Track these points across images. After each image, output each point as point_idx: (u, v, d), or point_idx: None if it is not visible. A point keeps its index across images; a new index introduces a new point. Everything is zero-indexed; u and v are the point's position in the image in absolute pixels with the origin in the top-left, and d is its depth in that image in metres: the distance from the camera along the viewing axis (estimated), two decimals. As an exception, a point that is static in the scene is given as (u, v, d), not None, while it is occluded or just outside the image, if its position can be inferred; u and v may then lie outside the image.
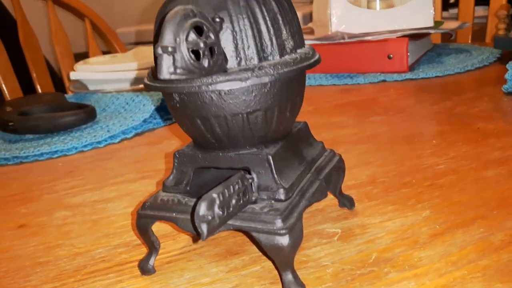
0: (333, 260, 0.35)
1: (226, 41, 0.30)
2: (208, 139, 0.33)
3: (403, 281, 0.32)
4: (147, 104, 0.76)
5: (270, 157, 0.32)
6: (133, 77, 0.87)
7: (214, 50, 0.28)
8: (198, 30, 0.28)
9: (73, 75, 0.88)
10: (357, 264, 0.34)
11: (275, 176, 0.32)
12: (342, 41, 0.88)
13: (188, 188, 0.35)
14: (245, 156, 0.33)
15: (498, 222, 0.37)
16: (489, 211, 0.39)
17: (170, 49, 0.26)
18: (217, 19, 0.29)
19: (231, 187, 0.30)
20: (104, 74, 0.88)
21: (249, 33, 0.30)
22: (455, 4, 1.55)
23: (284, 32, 0.31)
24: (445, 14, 1.57)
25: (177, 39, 0.26)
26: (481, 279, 0.31)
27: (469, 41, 1.28)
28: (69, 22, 1.35)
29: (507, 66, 0.69)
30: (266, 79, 0.30)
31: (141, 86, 0.87)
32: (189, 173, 0.35)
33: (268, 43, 0.31)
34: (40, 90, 1.16)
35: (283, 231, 0.30)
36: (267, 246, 0.30)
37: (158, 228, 0.42)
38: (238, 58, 0.30)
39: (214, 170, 0.36)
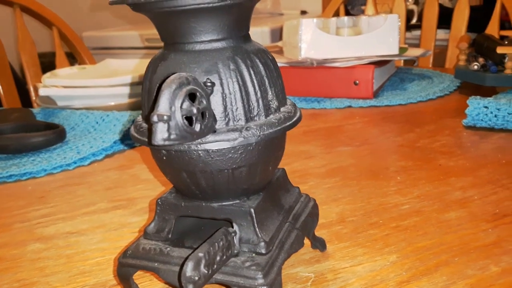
0: (307, 308, 0.37)
1: (216, 103, 0.31)
2: (192, 191, 0.34)
3: (373, 331, 0.34)
4: (117, 125, 0.75)
5: (252, 210, 0.33)
6: (104, 94, 0.87)
7: (206, 114, 0.30)
8: (191, 96, 0.29)
9: (42, 92, 0.86)
10: (330, 312, 0.36)
11: (257, 229, 0.33)
12: (311, 66, 0.90)
13: (169, 236, 0.35)
14: (228, 208, 0.34)
15: (459, 270, 0.40)
16: (451, 258, 0.42)
17: (165, 117, 0.27)
18: (209, 83, 0.30)
19: (216, 244, 0.31)
20: (74, 90, 0.87)
21: (238, 95, 0.31)
22: (418, 26, 1.62)
23: (270, 93, 0.33)
24: (408, 35, 1.62)
25: (172, 107, 0.27)
26: (444, 331, 0.34)
27: (430, 65, 1.33)
28: (35, 30, 1.32)
29: (467, 101, 0.73)
30: (252, 140, 0.31)
31: (112, 104, 0.86)
32: (171, 221, 0.36)
33: (255, 104, 0.32)
34: (5, 100, 1.13)
35: (264, 287, 0.31)
36: (247, 303, 0.32)
37: (135, 267, 0.43)
38: (227, 119, 0.31)
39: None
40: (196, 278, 0.28)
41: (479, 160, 0.62)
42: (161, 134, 0.27)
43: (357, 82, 0.89)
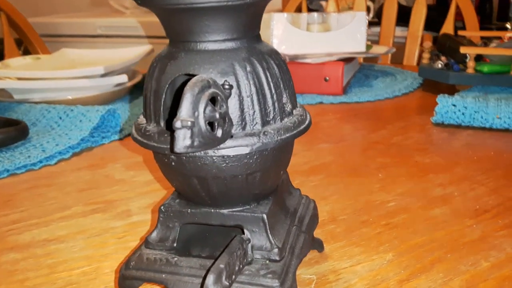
0: (314, 311, 0.36)
1: (233, 106, 0.30)
2: (201, 197, 0.33)
3: (384, 333, 0.34)
4: (84, 121, 0.72)
5: (265, 216, 0.32)
6: (65, 87, 0.82)
7: (226, 119, 0.28)
8: (212, 100, 0.27)
9: (-1, 84, 0.80)
10: (338, 315, 0.36)
11: (269, 235, 0.32)
12: (281, 61, 0.90)
13: (174, 245, 0.34)
14: (239, 214, 0.33)
15: (453, 266, 0.41)
16: (444, 254, 0.43)
17: (189, 123, 0.25)
18: (227, 86, 0.28)
19: (235, 254, 0.29)
20: (32, 82, 0.81)
21: (255, 98, 0.30)
22: (375, 23, 1.65)
23: (284, 96, 0.32)
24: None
25: (196, 112, 0.26)
26: (451, 329, 0.34)
27: (389, 61, 1.37)
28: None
29: (437, 99, 0.76)
30: (270, 145, 0.30)
31: (73, 97, 0.82)
32: (176, 228, 0.34)
33: (271, 107, 0.31)
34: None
35: (283, 295, 0.30)
36: (265, 311, 0.31)
37: (127, 275, 0.41)
38: (243, 123, 0.30)
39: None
40: (220, 291, 0.27)
41: (452, 157, 0.64)
42: (184, 141, 0.26)
43: (327, 78, 0.90)
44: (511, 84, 0.85)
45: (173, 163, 0.31)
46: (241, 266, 0.30)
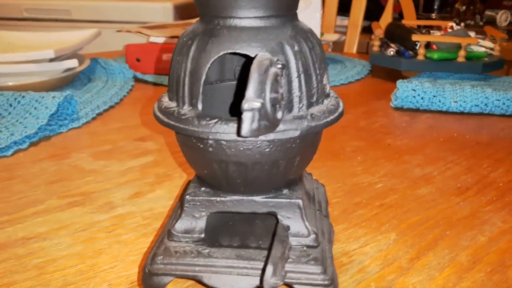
0: (338, 294, 0.35)
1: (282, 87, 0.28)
2: (236, 184, 0.30)
3: (411, 310, 0.34)
4: (40, 108, 0.65)
5: (301, 202, 0.31)
6: (9, 72, 0.74)
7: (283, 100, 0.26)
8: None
9: None
10: (362, 296, 0.35)
11: (306, 221, 0.31)
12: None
13: (202, 236, 0.31)
14: (273, 201, 0.31)
15: (455, 242, 0.42)
16: (443, 232, 0.44)
17: (258, 105, 0.23)
18: (279, 66, 0.27)
19: (285, 243, 0.28)
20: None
21: (302, 79, 0.28)
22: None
23: (325, 77, 0.31)
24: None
25: (263, 93, 0.24)
26: (472, 302, 0.35)
27: (329, 50, 1.39)
28: None
29: (397, 85, 0.78)
30: (318, 128, 0.29)
31: (15, 83, 0.74)
32: (203, 218, 0.32)
33: (315, 89, 0.29)
34: None
35: (328, 282, 0.29)
36: (310, 297, 0.29)
37: (130, 273, 0.38)
38: (290, 105, 0.28)
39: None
40: (279, 282, 0.26)
41: (421, 139, 0.67)
42: (253, 124, 0.23)
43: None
44: (458, 70, 0.90)
45: (210, 149, 0.29)
46: (288, 254, 0.29)
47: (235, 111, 0.38)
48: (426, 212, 0.47)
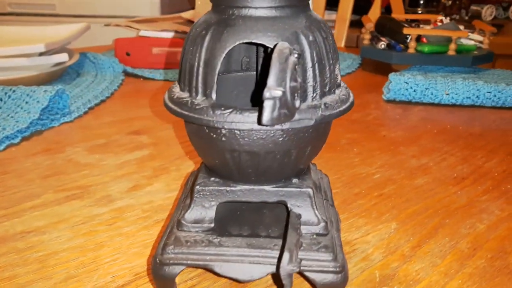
0: (344, 283, 0.36)
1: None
2: (247, 174, 0.30)
3: (417, 297, 0.34)
4: (31, 102, 0.64)
5: (311, 191, 0.31)
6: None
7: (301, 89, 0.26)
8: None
9: None
10: (368, 285, 0.36)
11: (315, 210, 0.31)
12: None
13: (212, 225, 0.31)
14: (283, 190, 0.31)
15: (455, 230, 0.43)
16: (443, 220, 0.44)
17: (280, 93, 0.23)
18: (296, 55, 0.26)
19: (298, 231, 0.28)
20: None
21: (317, 69, 0.28)
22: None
23: (337, 67, 0.31)
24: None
25: (283, 82, 0.23)
26: (475, 287, 0.36)
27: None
28: None
29: (390, 77, 0.78)
30: (331, 117, 0.29)
31: (10, 77, 0.73)
32: (213, 208, 0.31)
33: (328, 79, 0.29)
34: None
35: (339, 269, 0.29)
36: (321, 284, 0.29)
37: (133, 265, 0.37)
38: (305, 94, 0.28)
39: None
40: (295, 269, 0.26)
41: (414, 131, 0.67)
42: (273, 112, 0.23)
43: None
44: (448, 63, 0.91)
45: (223, 139, 0.28)
46: (301, 242, 0.29)
47: (245, 102, 0.38)
48: (425, 202, 0.48)
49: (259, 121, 0.25)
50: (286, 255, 0.25)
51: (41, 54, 0.77)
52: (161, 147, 0.60)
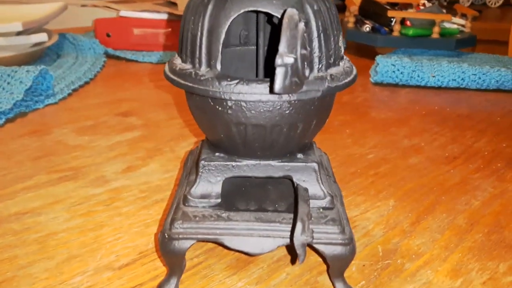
0: (349, 258, 0.36)
1: (303, 45, 0.27)
2: (253, 148, 0.30)
3: (420, 270, 0.35)
4: (13, 83, 0.62)
5: (316, 165, 0.31)
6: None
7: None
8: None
9: None
10: (372, 259, 0.36)
11: (321, 184, 0.31)
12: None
13: (219, 201, 0.31)
14: (289, 165, 0.31)
15: (451, 207, 0.44)
16: (439, 197, 0.45)
17: (292, 60, 0.23)
18: (303, 22, 0.26)
19: (308, 202, 0.28)
20: None
21: (322, 39, 0.28)
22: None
23: (340, 39, 0.30)
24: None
25: (294, 49, 0.23)
26: (475, 259, 0.36)
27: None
28: None
29: (377, 60, 0.79)
30: (337, 89, 0.28)
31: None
32: (219, 183, 0.31)
33: (333, 50, 0.29)
34: None
35: (347, 241, 0.29)
36: (330, 256, 0.30)
37: (136, 243, 0.37)
38: (310, 65, 0.28)
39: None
40: (309, 239, 0.25)
41: (404, 112, 0.68)
42: (286, 80, 0.23)
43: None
44: (432, 46, 0.92)
45: (229, 111, 0.28)
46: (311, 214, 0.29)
47: (244, 76, 0.37)
48: (420, 180, 0.48)
49: (271, 90, 0.24)
50: (299, 226, 0.25)
51: (18, 34, 0.74)
52: (152, 129, 0.59)
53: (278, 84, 0.23)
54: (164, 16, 0.99)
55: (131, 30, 0.99)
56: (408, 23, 0.93)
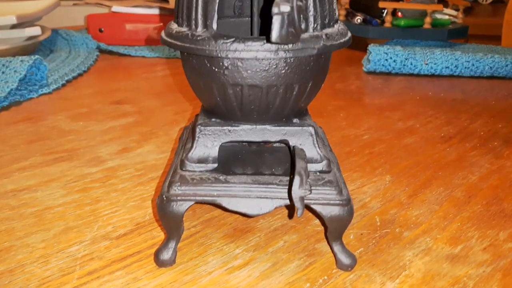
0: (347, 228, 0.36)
1: (299, 1, 0.27)
2: (249, 111, 0.30)
3: (419, 238, 0.35)
4: (8, 72, 0.61)
5: (312, 129, 0.31)
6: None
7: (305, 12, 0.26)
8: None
9: None
10: (370, 228, 0.36)
11: (317, 148, 0.31)
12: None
13: (216, 165, 0.31)
14: (286, 129, 0.31)
15: (448, 181, 0.44)
16: (435, 172, 0.45)
17: (289, 8, 0.23)
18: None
19: (305, 159, 0.28)
20: None
21: (317, -1, 0.28)
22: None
23: (334, 2, 0.30)
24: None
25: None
26: (474, 228, 0.36)
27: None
28: None
29: (369, 49, 0.79)
30: (334, 48, 0.29)
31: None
32: (215, 148, 0.31)
33: (328, 11, 0.29)
34: None
35: (345, 202, 0.29)
36: (328, 217, 0.30)
37: (133, 216, 0.37)
38: (305, 24, 0.28)
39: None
40: (307, 192, 0.25)
41: (398, 98, 0.68)
42: (282, 29, 0.23)
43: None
44: (424, 37, 0.92)
45: (225, 72, 0.28)
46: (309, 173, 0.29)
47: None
48: (416, 158, 0.49)
49: (268, 39, 0.24)
50: (297, 179, 0.25)
51: (12, 27, 0.74)
52: (146, 115, 0.59)
53: (275, 33, 0.23)
54: (156, 11, 0.99)
55: (123, 25, 0.99)
56: (399, 14, 0.94)
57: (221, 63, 0.28)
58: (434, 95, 0.69)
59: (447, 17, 0.94)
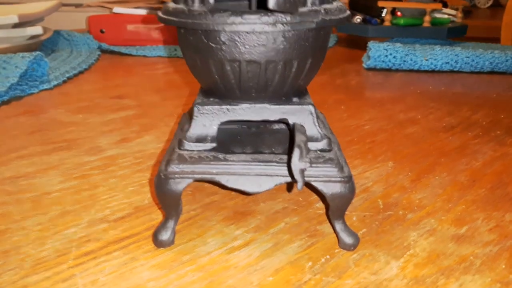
0: (349, 210, 0.35)
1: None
2: (248, 88, 0.29)
3: (423, 219, 0.34)
4: (9, 68, 0.61)
5: (312, 107, 0.31)
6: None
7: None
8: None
9: None
10: (373, 211, 0.35)
11: (317, 127, 0.31)
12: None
13: (214, 145, 0.30)
14: (286, 107, 0.30)
15: (451, 167, 0.43)
16: (438, 159, 0.45)
17: None
18: None
19: (305, 134, 0.27)
20: None
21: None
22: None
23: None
24: None
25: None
26: (479, 210, 0.36)
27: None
28: None
29: (369, 45, 0.79)
30: (333, 22, 0.28)
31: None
32: (213, 128, 0.30)
33: (326, -14, 0.29)
34: None
35: (346, 179, 0.29)
36: (330, 195, 0.29)
37: (132, 200, 0.36)
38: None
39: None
40: (307, 164, 0.25)
41: (399, 92, 0.68)
42: None
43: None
44: (424, 35, 0.92)
45: (223, 47, 0.28)
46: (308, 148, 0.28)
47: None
48: (418, 146, 0.48)
49: (266, 5, 0.24)
50: (296, 152, 0.25)
51: (14, 27, 0.74)
52: (146, 108, 0.59)
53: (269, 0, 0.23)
54: (157, 12, 0.99)
55: (124, 26, 0.99)
56: (398, 13, 0.94)
57: (218, 38, 0.28)
58: (435, 89, 0.69)
59: (446, 16, 0.94)
